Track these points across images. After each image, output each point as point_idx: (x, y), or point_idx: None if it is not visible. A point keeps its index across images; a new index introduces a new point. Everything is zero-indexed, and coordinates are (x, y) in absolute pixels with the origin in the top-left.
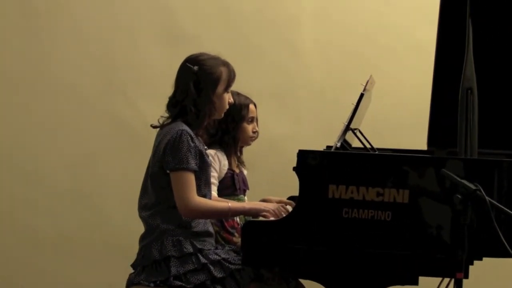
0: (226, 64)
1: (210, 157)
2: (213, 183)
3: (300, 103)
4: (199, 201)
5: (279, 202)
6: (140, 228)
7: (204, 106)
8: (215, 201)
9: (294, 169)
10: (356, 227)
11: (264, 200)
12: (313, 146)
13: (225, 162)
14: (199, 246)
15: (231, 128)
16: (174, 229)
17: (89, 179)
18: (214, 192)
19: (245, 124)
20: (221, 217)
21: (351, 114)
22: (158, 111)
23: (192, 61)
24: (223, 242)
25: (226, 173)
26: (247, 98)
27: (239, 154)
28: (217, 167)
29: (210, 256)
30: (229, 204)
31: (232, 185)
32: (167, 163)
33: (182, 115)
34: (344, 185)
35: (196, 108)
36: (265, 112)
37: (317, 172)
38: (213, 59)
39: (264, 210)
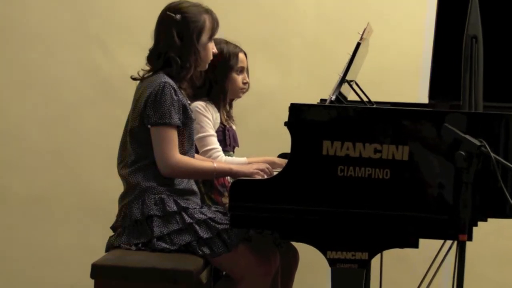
0: (209, 11)
1: (202, 108)
2: (213, 135)
3: (292, 53)
4: (181, 159)
5: (264, 161)
6: (120, 187)
7: (189, 56)
8: (199, 160)
9: (286, 124)
10: (352, 186)
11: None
12: (306, 100)
13: (216, 114)
14: (183, 205)
15: (219, 79)
16: (156, 186)
17: (63, 135)
18: (213, 149)
19: (235, 75)
20: (204, 177)
21: (346, 65)
22: (138, 62)
23: (173, 9)
24: (209, 202)
25: (218, 127)
26: (236, 46)
27: (228, 108)
28: (211, 118)
29: (195, 215)
30: (214, 165)
31: (223, 141)
32: (148, 117)
33: (166, 67)
34: (339, 141)
35: (181, 59)
36: (254, 63)
37: (310, 127)
38: (195, 7)
39: (253, 174)
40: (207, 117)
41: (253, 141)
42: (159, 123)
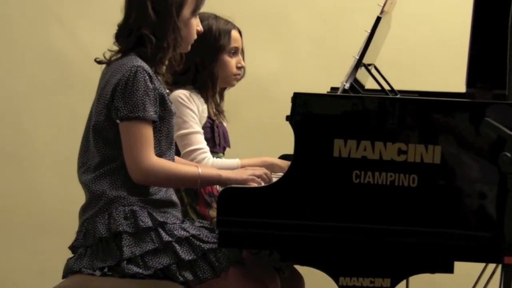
0: None
1: (185, 98)
2: (198, 132)
3: (296, 31)
4: (157, 162)
5: (261, 164)
6: (81, 197)
7: (167, 35)
8: (180, 164)
9: (288, 118)
10: (371, 196)
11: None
12: (314, 88)
13: (203, 106)
14: (160, 219)
15: (207, 63)
16: (126, 196)
17: (10, 133)
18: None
19: (226, 57)
20: (186, 186)
21: (363, 45)
22: (104, 41)
23: None
24: (194, 216)
25: (205, 122)
26: (228, 22)
27: (218, 100)
28: (195, 111)
29: (175, 232)
30: (199, 170)
31: (211, 139)
32: (116, 110)
33: (138, 47)
34: (354, 139)
35: (156, 38)
36: (250, 44)
37: (318, 122)
38: None
39: (247, 181)
40: (192, 109)
41: (248, 140)
42: (130, 117)
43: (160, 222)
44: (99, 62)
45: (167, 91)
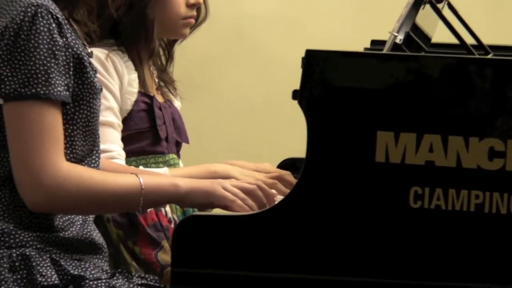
0: None
1: (97, 64)
2: (109, 124)
3: None
4: (69, 173)
5: (207, 175)
6: None
7: None
8: (107, 172)
9: (296, 95)
10: (441, 232)
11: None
12: (342, 43)
13: (131, 75)
14: (73, 271)
15: None
16: (12, 231)
17: None
18: (110, 147)
19: None
20: (118, 209)
21: None
22: None
23: None
24: (133, 263)
25: (137, 101)
26: None
27: (164, 63)
28: (114, 87)
29: None
30: (140, 179)
31: (150, 130)
32: None
33: None
34: (413, 132)
35: None
36: None
37: (348, 103)
38: None
39: (227, 201)
40: (107, 88)
41: (226, 135)
42: (22, 95)
43: (73, 276)
44: None
45: (89, 50)
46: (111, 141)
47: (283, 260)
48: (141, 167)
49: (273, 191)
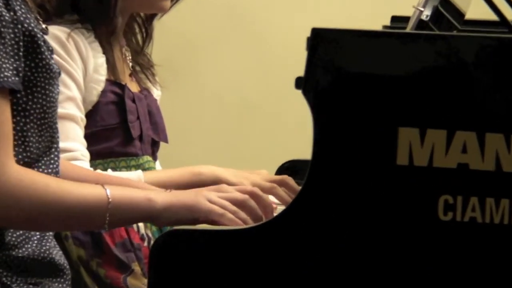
0: None
1: (56, 45)
2: (73, 118)
3: None
4: (20, 178)
5: (188, 179)
6: None
7: None
8: (67, 181)
9: (299, 83)
10: (475, 246)
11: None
12: (352, 20)
13: (98, 59)
14: None
15: None
16: None
17: None
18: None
19: None
20: (81, 226)
21: None
22: None
23: None
24: None
25: (104, 91)
26: None
27: (140, 43)
28: (76, 73)
29: None
30: (107, 191)
31: (119, 127)
32: None
33: None
34: (442, 129)
35: None
36: None
37: (363, 92)
38: None
39: (210, 212)
40: (68, 75)
41: (212, 129)
42: None
43: None
44: None
45: (43, 26)
46: (72, 139)
47: (285, 284)
48: (109, 171)
49: (272, 197)
